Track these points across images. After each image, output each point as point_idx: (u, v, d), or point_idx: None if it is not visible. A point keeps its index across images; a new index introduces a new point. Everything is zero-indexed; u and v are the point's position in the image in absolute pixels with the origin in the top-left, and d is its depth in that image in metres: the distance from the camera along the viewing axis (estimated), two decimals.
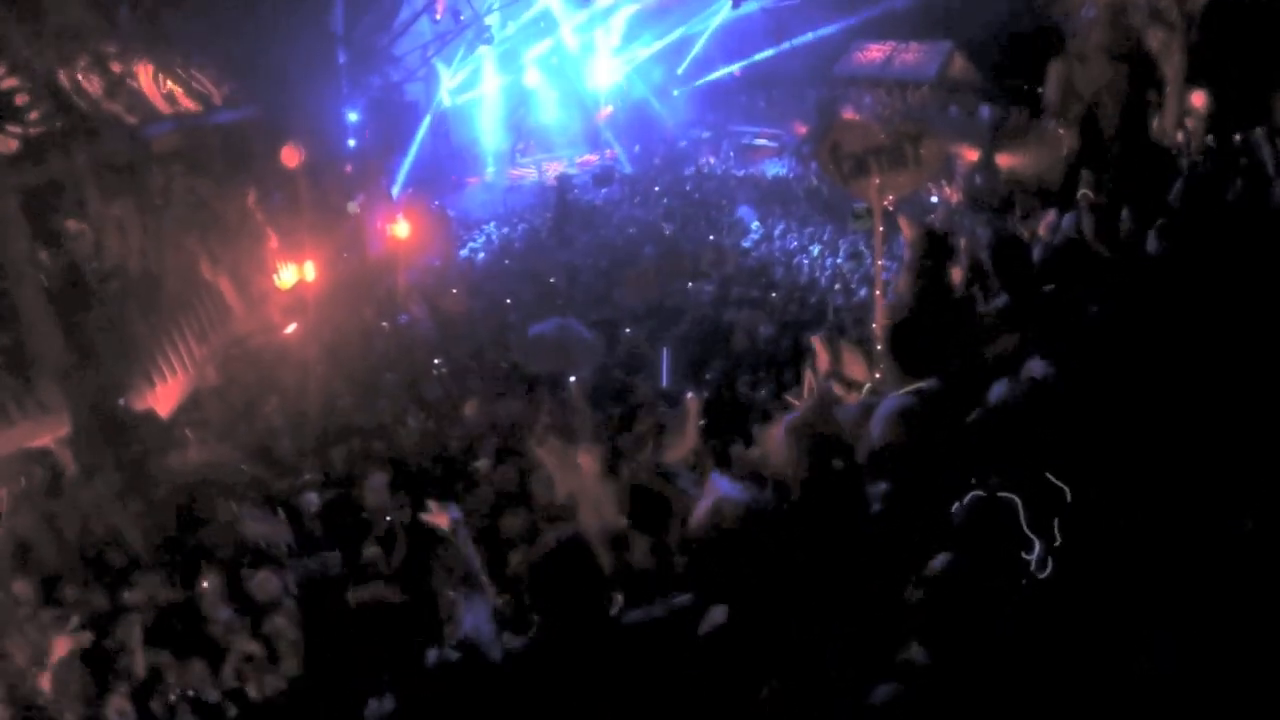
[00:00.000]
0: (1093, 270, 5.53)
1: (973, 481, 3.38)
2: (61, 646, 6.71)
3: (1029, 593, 3.19)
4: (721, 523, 3.38)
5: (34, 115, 11.94)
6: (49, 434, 10.90)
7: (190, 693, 6.63)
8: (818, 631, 3.17)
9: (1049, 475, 3.33)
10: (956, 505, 3.34)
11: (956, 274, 5.57)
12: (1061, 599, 3.20)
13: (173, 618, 7.43)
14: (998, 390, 3.83)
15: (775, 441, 3.87)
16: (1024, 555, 3.20)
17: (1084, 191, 6.45)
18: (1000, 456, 3.51)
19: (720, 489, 3.50)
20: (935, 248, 5.37)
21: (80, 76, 12.86)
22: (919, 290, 5.29)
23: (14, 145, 11.66)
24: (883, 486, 3.67)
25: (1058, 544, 3.24)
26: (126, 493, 9.57)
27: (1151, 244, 5.58)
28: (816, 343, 5.79)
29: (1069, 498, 3.30)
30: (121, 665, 6.98)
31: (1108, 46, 7.23)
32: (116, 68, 13.64)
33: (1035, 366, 3.95)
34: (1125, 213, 6.31)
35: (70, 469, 10.52)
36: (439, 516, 4.75)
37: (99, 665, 7.18)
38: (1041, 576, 3.19)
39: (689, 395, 6.51)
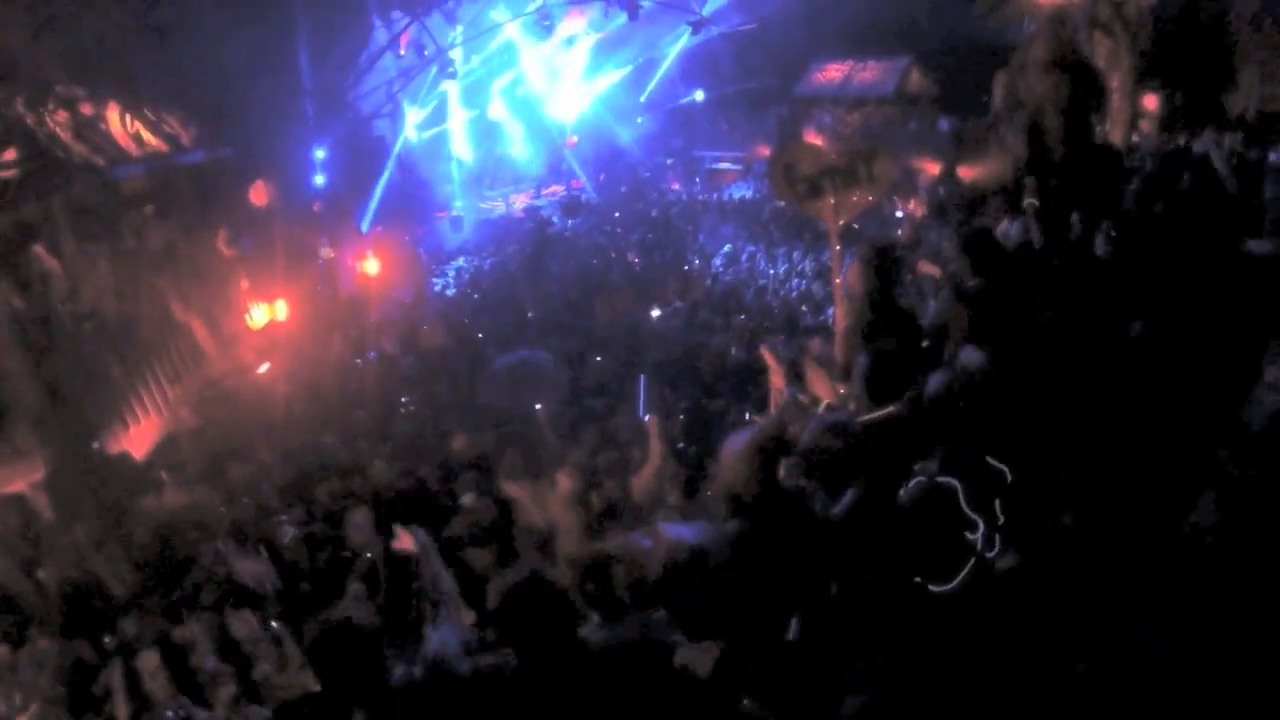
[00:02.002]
0: (1034, 271, 5.72)
1: (916, 469, 3.52)
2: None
3: (979, 573, 3.32)
4: (676, 565, 3.48)
5: (3, 159, 11.95)
6: (22, 479, 10.86)
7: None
8: (785, 646, 3.29)
9: (988, 459, 3.48)
10: (903, 490, 3.48)
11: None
12: (1015, 579, 3.34)
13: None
14: (934, 381, 3.97)
15: (728, 459, 3.98)
16: (968, 535, 3.34)
17: (1029, 200, 6.65)
18: (940, 443, 3.64)
19: (669, 534, 3.61)
20: (881, 265, 5.52)
21: (49, 120, 12.90)
22: (861, 310, 5.46)
23: None
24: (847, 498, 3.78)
25: (1000, 522, 3.38)
26: (105, 537, 9.54)
27: (1099, 246, 5.78)
28: (765, 353, 5.92)
29: (1009, 479, 3.45)
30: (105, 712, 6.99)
31: (1048, 57, 7.49)
32: (86, 111, 13.69)
33: (968, 356, 4.10)
34: (1074, 217, 6.52)
35: (46, 514, 10.49)
36: (405, 540, 4.85)
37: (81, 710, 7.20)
38: (989, 555, 3.33)
39: (648, 416, 6.59)
